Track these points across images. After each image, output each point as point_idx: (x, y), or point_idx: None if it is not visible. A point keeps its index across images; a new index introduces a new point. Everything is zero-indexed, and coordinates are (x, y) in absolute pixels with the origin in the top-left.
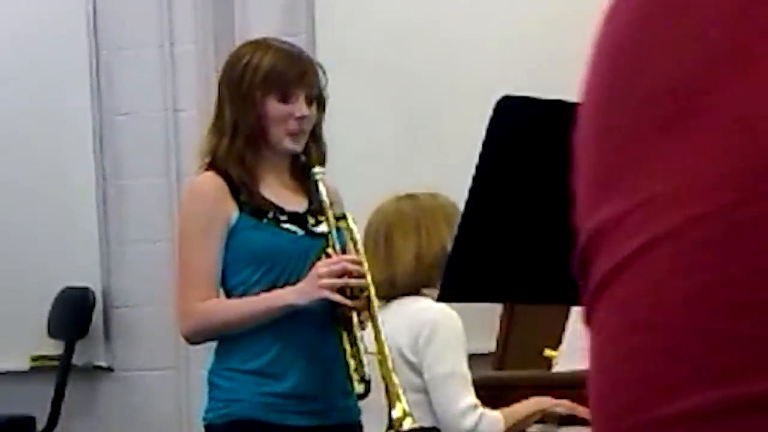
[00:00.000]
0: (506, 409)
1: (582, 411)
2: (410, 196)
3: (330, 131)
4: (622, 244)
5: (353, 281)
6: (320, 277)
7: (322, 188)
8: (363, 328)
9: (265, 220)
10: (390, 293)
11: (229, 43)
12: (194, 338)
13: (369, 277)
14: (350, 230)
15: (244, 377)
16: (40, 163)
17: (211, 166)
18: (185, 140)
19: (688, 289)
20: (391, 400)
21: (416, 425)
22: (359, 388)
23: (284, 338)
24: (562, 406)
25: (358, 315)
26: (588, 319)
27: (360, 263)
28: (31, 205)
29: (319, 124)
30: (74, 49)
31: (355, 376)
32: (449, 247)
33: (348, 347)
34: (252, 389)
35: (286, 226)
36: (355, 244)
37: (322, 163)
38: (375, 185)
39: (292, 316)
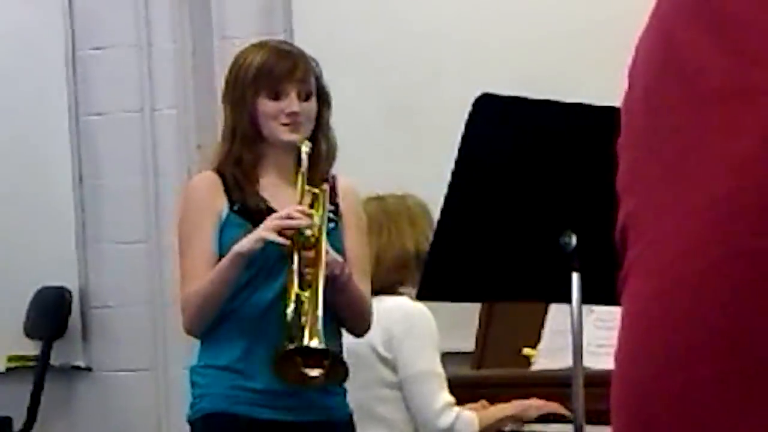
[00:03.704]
0: (481, 411)
1: (555, 408)
2: (377, 198)
3: None
4: (659, 218)
5: (293, 222)
6: (266, 222)
7: (304, 160)
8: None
9: (251, 220)
10: None
11: (206, 42)
12: (192, 327)
13: (317, 221)
14: (324, 192)
15: (218, 373)
16: (17, 162)
17: (217, 168)
18: (162, 140)
19: (717, 258)
20: (309, 332)
21: (322, 347)
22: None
23: (254, 334)
24: (535, 408)
25: (299, 254)
26: (622, 291)
27: (309, 214)
28: (7, 204)
29: (325, 120)
30: (51, 49)
31: (289, 315)
32: (411, 248)
33: (291, 291)
34: (224, 383)
35: None
36: (316, 202)
37: (332, 161)
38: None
39: (266, 314)
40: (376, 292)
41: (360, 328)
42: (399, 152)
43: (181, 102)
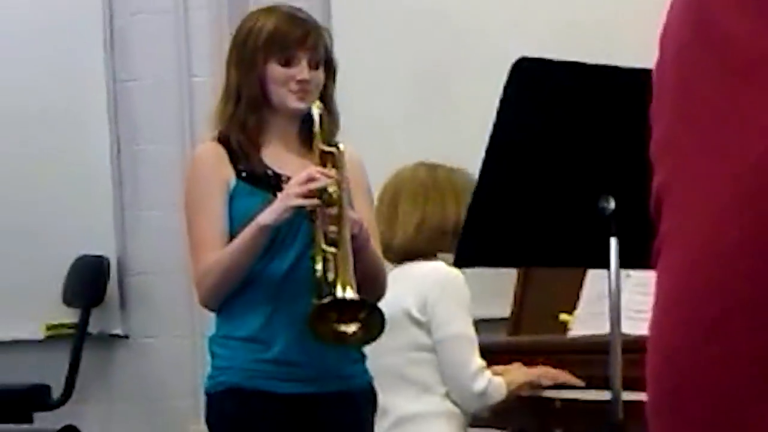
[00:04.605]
0: (503, 376)
1: (566, 378)
2: (429, 166)
3: (345, 97)
4: (692, 188)
5: (317, 184)
6: (288, 189)
7: (316, 120)
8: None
9: (260, 187)
10: (384, 257)
11: (243, 7)
12: (209, 300)
13: (338, 183)
14: (341, 153)
15: (238, 344)
16: (55, 130)
17: (219, 135)
18: (199, 106)
19: (749, 229)
20: (341, 283)
21: (357, 297)
22: (328, 290)
23: (276, 304)
24: (546, 377)
25: (323, 212)
26: (656, 263)
27: (328, 175)
28: (45, 172)
29: (329, 92)
30: (89, 15)
31: (319, 271)
32: (452, 220)
33: (318, 250)
34: (244, 356)
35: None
36: (334, 164)
37: (335, 132)
38: (389, 151)
39: (285, 282)
40: (413, 257)
41: (375, 295)
42: (434, 118)
43: (217, 68)
